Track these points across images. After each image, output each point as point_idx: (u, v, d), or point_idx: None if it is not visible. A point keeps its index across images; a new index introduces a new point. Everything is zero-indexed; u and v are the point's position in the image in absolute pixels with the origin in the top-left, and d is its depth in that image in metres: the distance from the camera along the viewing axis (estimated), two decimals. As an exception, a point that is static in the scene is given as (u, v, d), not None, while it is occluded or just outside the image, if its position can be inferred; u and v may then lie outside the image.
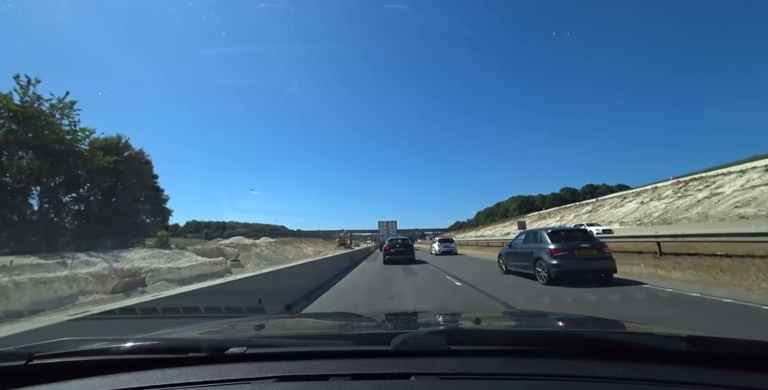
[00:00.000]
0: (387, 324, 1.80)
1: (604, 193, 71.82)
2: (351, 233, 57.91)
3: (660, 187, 40.31)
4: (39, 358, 0.95)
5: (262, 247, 35.58)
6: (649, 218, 30.87)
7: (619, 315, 4.61)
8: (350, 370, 0.88)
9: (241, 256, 28.04)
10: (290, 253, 38.33)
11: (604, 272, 7.46)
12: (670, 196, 34.01)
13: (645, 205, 35.94)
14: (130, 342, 1.04)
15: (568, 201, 79.79)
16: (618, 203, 43.40)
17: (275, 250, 36.17)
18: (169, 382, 0.87)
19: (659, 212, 31.03)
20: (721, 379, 0.81)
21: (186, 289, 4.30)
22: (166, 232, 26.24)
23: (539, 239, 8.41)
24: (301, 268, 8.60)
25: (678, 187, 35.40)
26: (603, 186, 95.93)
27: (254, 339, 1.16)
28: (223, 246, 30.56)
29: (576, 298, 6.04)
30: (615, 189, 76.29)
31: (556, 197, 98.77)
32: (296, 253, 39.41)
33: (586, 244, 7.66)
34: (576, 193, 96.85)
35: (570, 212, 55.03)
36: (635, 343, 1.02)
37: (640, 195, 41.21)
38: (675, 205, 30.68)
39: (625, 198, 44.33)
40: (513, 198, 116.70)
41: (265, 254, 32.13)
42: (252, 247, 33.87)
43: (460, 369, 0.88)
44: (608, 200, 49.05)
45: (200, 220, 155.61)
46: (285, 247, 42.27)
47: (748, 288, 6.12)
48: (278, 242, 45.25)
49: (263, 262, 26.01)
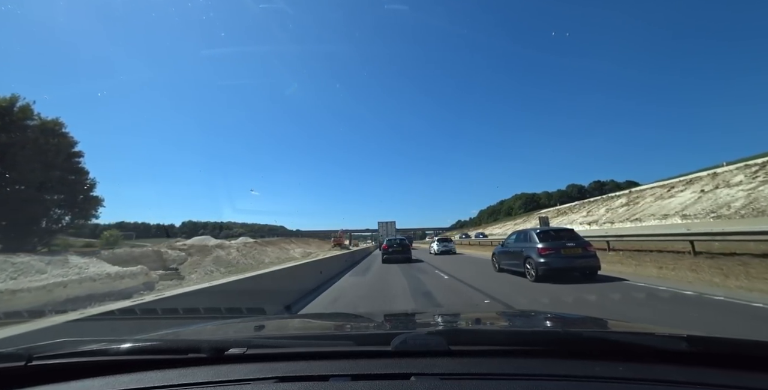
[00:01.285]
0: (387, 324, 1.80)
1: (612, 190, 69.03)
2: (351, 233, 56.49)
3: (721, 172, 32.97)
4: (38, 359, 0.95)
5: (230, 249, 28.90)
6: (728, 209, 24.86)
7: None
8: (350, 370, 0.88)
9: (189, 261, 22.24)
10: (270, 256, 31.46)
11: (589, 270, 7.84)
12: (745, 182, 27.44)
13: (708, 194, 29.48)
14: (129, 343, 1.04)
15: (576, 198, 77.51)
16: (664, 194, 35.91)
17: (248, 253, 29.24)
18: (169, 383, 0.87)
19: (741, 201, 24.94)
20: (721, 379, 0.81)
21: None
22: (116, 231, 21.28)
23: (529, 239, 8.73)
24: (263, 278, 6.22)
25: (752, 171, 28.60)
26: (611, 182, 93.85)
27: (254, 339, 1.16)
28: (169, 249, 24.12)
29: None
30: (623, 186, 74.18)
31: (563, 194, 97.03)
32: (278, 256, 32.78)
33: (571, 243, 7.99)
34: (583, 190, 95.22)
35: (598, 206, 47.37)
36: (635, 343, 1.02)
37: (692, 183, 34.20)
38: (764, 192, 24.24)
39: (672, 187, 36.54)
40: (517, 196, 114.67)
41: (230, 259, 25.19)
42: (214, 249, 27.09)
43: (460, 369, 0.88)
44: (646, 191, 41.56)
45: (196, 221, 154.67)
46: (266, 248, 36.04)
47: None
48: (259, 243, 39.32)
49: (221, 270, 20.35)
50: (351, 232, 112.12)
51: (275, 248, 38.39)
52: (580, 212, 49.62)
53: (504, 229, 61.49)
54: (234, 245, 31.52)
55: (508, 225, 67.58)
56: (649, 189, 42.13)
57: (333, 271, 11.87)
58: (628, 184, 78.11)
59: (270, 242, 43.59)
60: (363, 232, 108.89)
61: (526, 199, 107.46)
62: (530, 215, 74.57)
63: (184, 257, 22.78)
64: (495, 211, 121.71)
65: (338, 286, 9.04)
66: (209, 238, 36.86)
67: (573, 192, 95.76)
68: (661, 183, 42.38)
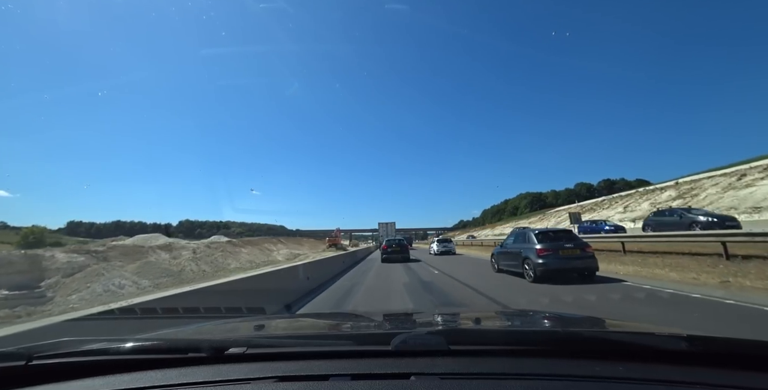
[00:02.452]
0: (387, 324, 1.80)
1: (622, 188, 66.38)
2: (351, 233, 54.88)
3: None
4: (39, 359, 0.95)
5: (182, 251, 21.75)
6: None
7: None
8: (350, 370, 0.88)
9: (88, 271, 14.69)
10: (241, 259, 24.92)
11: (587, 270, 7.86)
12: None
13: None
14: (129, 342, 1.04)
15: (585, 196, 74.75)
16: (734, 183, 29.12)
17: (208, 257, 22.08)
18: (169, 383, 0.87)
19: None
20: (721, 379, 0.81)
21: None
22: (41, 227, 17.26)
23: (527, 240, 8.74)
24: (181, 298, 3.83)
25: None
26: (621, 181, 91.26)
27: (254, 339, 1.16)
28: (73, 252, 16.98)
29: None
30: (635, 184, 71.44)
31: (571, 193, 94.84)
32: (254, 259, 26.55)
33: (570, 244, 8.00)
34: (592, 189, 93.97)
35: (637, 200, 39.88)
36: (635, 343, 1.02)
37: (767, 171, 27.90)
38: None
39: (743, 176, 29.78)
40: (522, 195, 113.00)
41: (170, 265, 18.61)
42: (151, 252, 20.35)
43: (460, 369, 0.88)
44: (702, 181, 34.62)
45: (194, 220, 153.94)
46: (242, 250, 29.56)
47: None
48: (235, 243, 32.61)
49: (140, 284, 14.22)
50: (352, 231, 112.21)
51: (255, 249, 32.68)
52: (613, 208, 42.15)
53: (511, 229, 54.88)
54: (192, 246, 24.90)
55: (520, 224, 57.64)
56: (707, 178, 34.93)
57: (321, 278, 9.80)
58: (639, 182, 75.87)
59: (250, 242, 37.37)
60: (364, 232, 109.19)
61: (532, 198, 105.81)
62: (544, 214, 68.61)
63: (83, 264, 15.27)
64: (500, 211, 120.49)
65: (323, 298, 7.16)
66: (159, 235, 31.44)
67: (582, 191, 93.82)
68: (721, 171, 35.67)
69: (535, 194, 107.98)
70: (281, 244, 45.35)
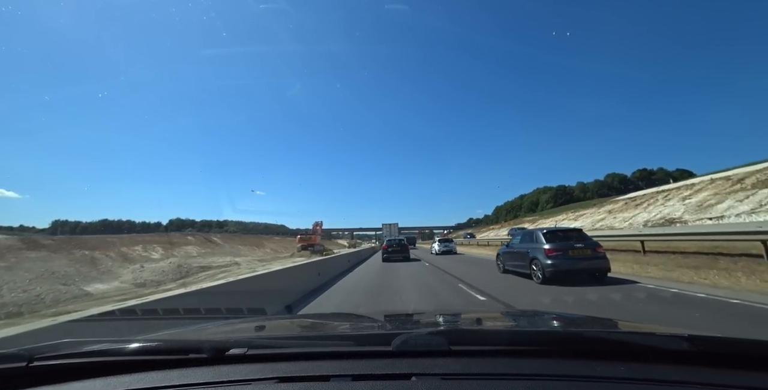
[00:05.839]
0: (387, 324, 1.80)
1: (661, 179, 60.19)
2: (353, 232, 52.29)
3: None
4: (40, 360, 0.95)
5: None
6: None
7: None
8: (351, 370, 0.88)
9: None
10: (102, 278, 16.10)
11: (598, 271, 7.57)
12: None
13: None
14: (130, 343, 1.04)
15: (617, 189, 66.30)
16: None
17: None
18: (170, 384, 0.87)
19: None
20: (722, 379, 0.81)
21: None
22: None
23: (535, 239, 8.48)
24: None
25: None
26: (660, 170, 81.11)
27: (255, 340, 1.16)
28: None
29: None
30: (675, 174, 63.78)
31: (602, 185, 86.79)
32: None
33: (580, 244, 7.73)
34: (626, 180, 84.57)
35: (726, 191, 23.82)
36: (636, 343, 1.02)
37: None
38: None
39: None
40: (540, 189, 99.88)
41: None
42: None
43: (461, 369, 0.87)
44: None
45: (184, 218, 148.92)
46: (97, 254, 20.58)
47: None
48: None
49: None
50: (354, 230, 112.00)
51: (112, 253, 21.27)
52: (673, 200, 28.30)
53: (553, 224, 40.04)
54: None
55: (547, 222, 46.75)
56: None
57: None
58: (680, 173, 67.84)
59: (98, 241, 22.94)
60: (368, 232, 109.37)
61: (555, 191, 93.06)
62: (578, 209, 51.97)
63: None
64: (515, 207, 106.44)
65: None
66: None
67: (614, 182, 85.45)
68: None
69: (559, 188, 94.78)
70: (223, 245, 30.83)
